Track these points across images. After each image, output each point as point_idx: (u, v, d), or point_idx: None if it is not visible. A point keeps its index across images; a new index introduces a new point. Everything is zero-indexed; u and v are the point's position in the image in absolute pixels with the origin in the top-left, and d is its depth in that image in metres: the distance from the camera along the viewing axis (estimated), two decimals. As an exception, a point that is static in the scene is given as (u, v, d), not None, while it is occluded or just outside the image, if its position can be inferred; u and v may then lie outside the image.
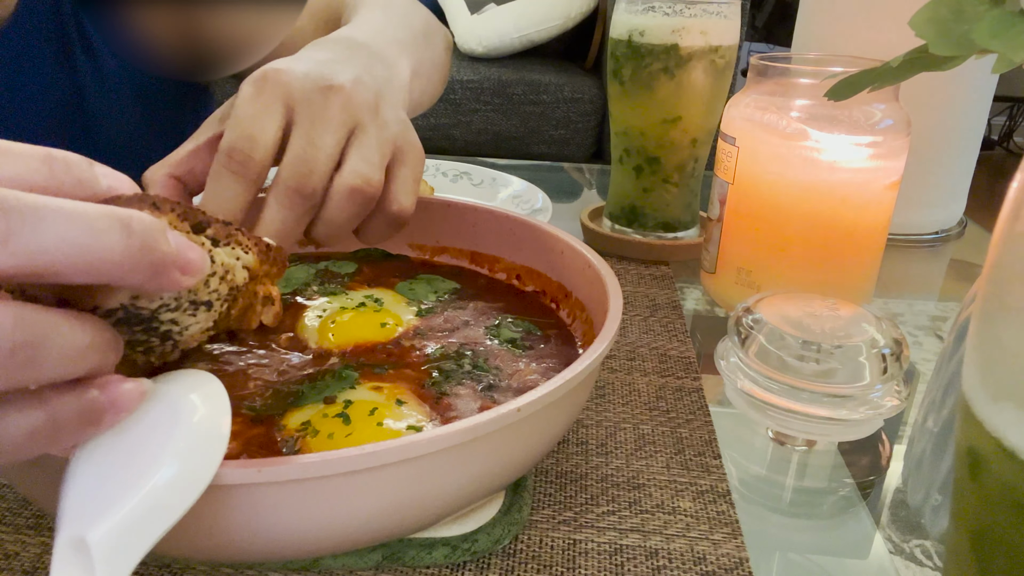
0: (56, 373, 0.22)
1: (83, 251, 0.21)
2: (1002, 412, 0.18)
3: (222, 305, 0.28)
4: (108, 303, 0.24)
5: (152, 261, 0.23)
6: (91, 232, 0.21)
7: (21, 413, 0.22)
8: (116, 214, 0.22)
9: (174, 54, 0.58)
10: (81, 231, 0.21)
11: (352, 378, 0.39)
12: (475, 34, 2.14)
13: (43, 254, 0.20)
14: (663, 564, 0.35)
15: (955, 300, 0.69)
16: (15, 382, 0.21)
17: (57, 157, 0.24)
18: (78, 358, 0.22)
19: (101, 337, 0.23)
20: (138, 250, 0.22)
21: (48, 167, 0.23)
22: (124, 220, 0.22)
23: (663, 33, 0.65)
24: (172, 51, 0.59)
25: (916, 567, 0.37)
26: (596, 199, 0.92)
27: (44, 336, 0.21)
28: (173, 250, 0.24)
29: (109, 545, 0.23)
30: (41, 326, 0.21)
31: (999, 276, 0.19)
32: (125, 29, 0.43)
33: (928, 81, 0.48)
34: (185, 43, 0.60)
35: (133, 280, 0.23)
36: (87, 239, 0.21)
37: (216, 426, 0.26)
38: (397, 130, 0.42)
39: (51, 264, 0.21)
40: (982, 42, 0.36)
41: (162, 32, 0.58)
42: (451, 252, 0.55)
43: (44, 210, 0.21)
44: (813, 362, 0.43)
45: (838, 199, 0.53)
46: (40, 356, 0.21)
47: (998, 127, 3.57)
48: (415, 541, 0.35)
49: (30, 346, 0.21)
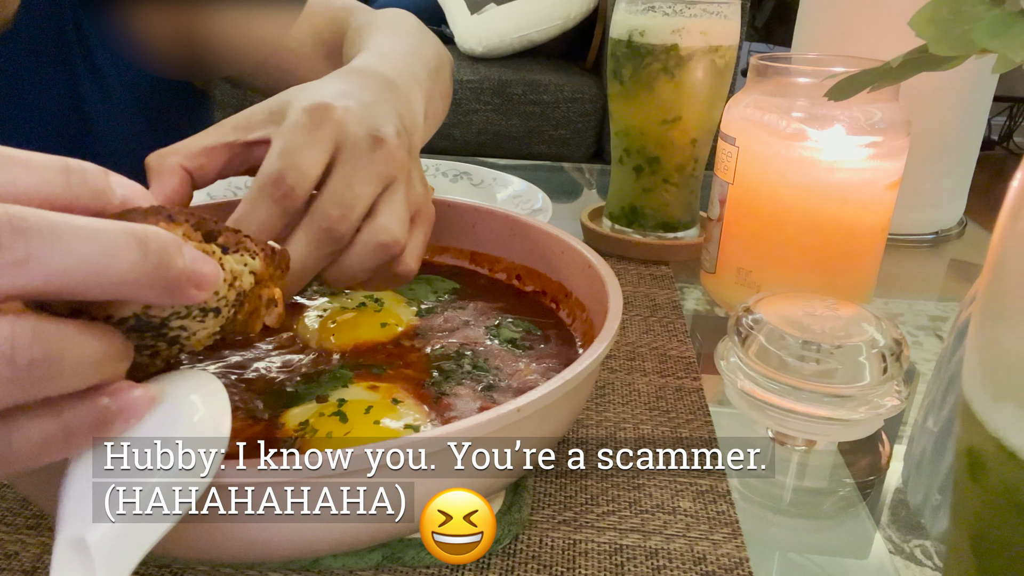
0: (71, 385, 0.22)
1: (101, 271, 0.21)
2: (1002, 412, 0.18)
3: (230, 310, 0.28)
4: (121, 313, 0.24)
5: (168, 279, 0.23)
6: (109, 252, 0.21)
7: (34, 422, 0.22)
8: (134, 232, 0.22)
9: (173, 54, 0.58)
10: (99, 251, 0.21)
11: (347, 377, 0.39)
12: (475, 34, 2.14)
13: (62, 275, 0.21)
14: (663, 564, 0.35)
15: (955, 300, 0.69)
16: (32, 394, 0.21)
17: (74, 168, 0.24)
18: (92, 370, 0.23)
19: (114, 348, 0.24)
20: (155, 268, 0.23)
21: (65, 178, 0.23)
22: (141, 238, 0.22)
23: (663, 33, 0.65)
24: (171, 51, 0.59)
25: (916, 567, 0.37)
26: (596, 199, 0.92)
27: (60, 350, 0.21)
28: (188, 266, 0.24)
29: (109, 545, 0.23)
30: (58, 340, 0.21)
31: (999, 276, 0.19)
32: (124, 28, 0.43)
33: (928, 81, 0.48)
34: (184, 43, 0.60)
35: (148, 296, 0.23)
36: (105, 259, 0.21)
37: (216, 426, 0.26)
38: (422, 192, 0.42)
39: (69, 284, 0.21)
40: (982, 42, 0.36)
41: (161, 32, 0.58)
42: (451, 252, 0.55)
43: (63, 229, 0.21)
44: (813, 362, 0.43)
45: (838, 199, 0.53)
46: (56, 370, 0.21)
47: (998, 127, 3.57)
48: (415, 541, 0.35)
49: (47, 360, 0.21)
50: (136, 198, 0.26)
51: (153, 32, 0.60)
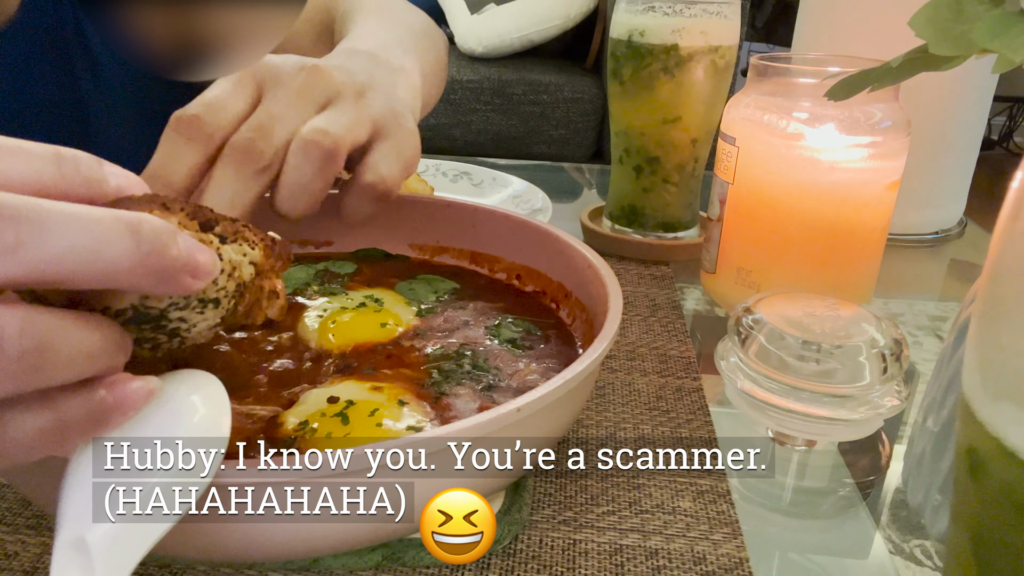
0: (64, 377, 0.22)
1: (92, 259, 0.21)
2: (1002, 412, 0.18)
3: (229, 302, 0.28)
4: (118, 304, 0.24)
5: (162, 267, 0.23)
6: (100, 240, 0.21)
7: (29, 414, 0.22)
8: (125, 220, 0.22)
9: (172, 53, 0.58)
10: (90, 239, 0.21)
11: (352, 378, 0.39)
12: (475, 34, 2.14)
13: (53, 263, 0.20)
14: (663, 564, 0.35)
15: (955, 300, 0.69)
16: (23, 386, 0.21)
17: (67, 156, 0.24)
18: (86, 361, 0.22)
19: (110, 339, 0.23)
20: (147, 256, 0.22)
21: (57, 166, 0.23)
22: (133, 226, 0.22)
23: (663, 33, 0.65)
24: (170, 50, 0.59)
25: (916, 567, 0.37)
26: (596, 199, 0.92)
27: (51, 341, 0.21)
28: (183, 254, 0.23)
29: (109, 545, 0.23)
30: (49, 331, 0.21)
31: (999, 276, 0.19)
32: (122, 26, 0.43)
33: (928, 81, 0.48)
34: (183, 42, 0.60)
35: (143, 285, 0.23)
36: (96, 247, 0.21)
37: (216, 426, 0.26)
38: (382, 109, 0.41)
39: (60, 272, 0.21)
40: (982, 42, 0.36)
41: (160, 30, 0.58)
42: (451, 252, 0.55)
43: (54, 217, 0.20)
44: (813, 362, 0.43)
45: (838, 199, 0.53)
46: (48, 361, 0.21)
47: (998, 127, 3.57)
48: (415, 541, 0.35)
49: (37, 351, 0.21)
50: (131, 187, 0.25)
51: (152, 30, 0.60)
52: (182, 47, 0.42)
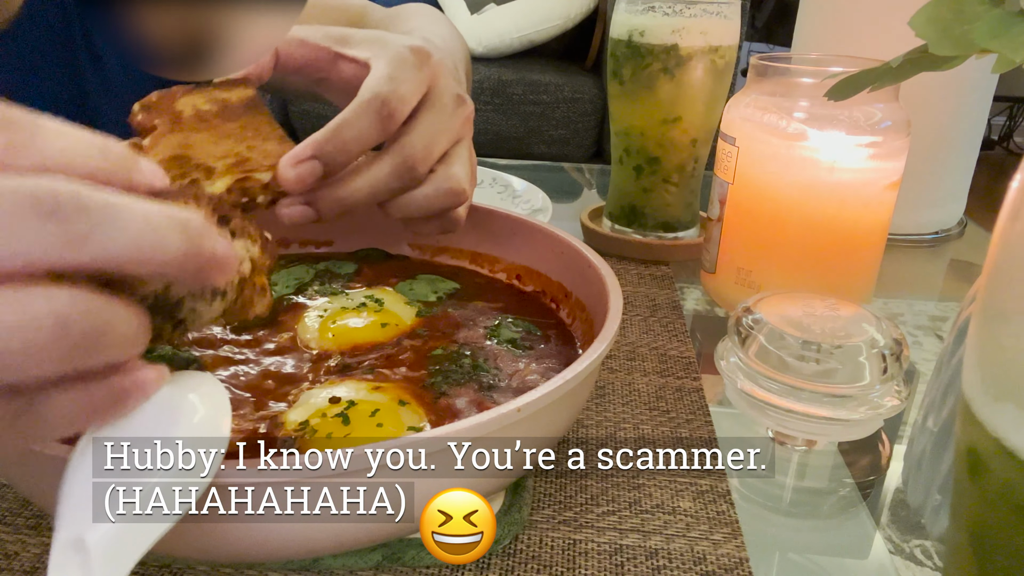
0: (106, 359, 0.23)
1: (151, 253, 0.22)
2: (1002, 412, 0.18)
3: (232, 295, 0.29)
4: (144, 290, 0.25)
5: (201, 262, 0.24)
6: (159, 235, 0.22)
7: (66, 394, 0.23)
8: (177, 217, 0.23)
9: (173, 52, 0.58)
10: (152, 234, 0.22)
11: (351, 378, 0.39)
12: (475, 34, 2.14)
13: (116, 254, 0.22)
14: (663, 564, 0.35)
15: (955, 300, 0.69)
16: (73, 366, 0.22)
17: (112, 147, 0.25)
18: (129, 345, 0.24)
19: (144, 325, 0.24)
20: (192, 251, 0.23)
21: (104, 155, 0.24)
22: (183, 222, 0.23)
23: (663, 33, 0.65)
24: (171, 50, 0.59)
25: (916, 567, 0.37)
26: (596, 199, 0.92)
27: (107, 324, 0.22)
28: (217, 251, 0.25)
29: (108, 545, 0.23)
30: (105, 315, 0.22)
31: (999, 276, 0.19)
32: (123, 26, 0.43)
33: (928, 81, 0.48)
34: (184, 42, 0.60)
35: (180, 277, 0.24)
36: (156, 241, 0.22)
37: (216, 426, 0.26)
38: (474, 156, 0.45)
39: (121, 262, 0.22)
40: (982, 42, 0.36)
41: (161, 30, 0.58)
42: (451, 252, 0.55)
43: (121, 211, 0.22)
44: (813, 362, 0.43)
45: (838, 199, 0.53)
46: (100, 344, 0.22)
47: (998, 127, 3.57)
48: (415, 541, 0.35)
49: (96, 332, 0.22)
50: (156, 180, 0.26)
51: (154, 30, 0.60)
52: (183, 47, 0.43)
